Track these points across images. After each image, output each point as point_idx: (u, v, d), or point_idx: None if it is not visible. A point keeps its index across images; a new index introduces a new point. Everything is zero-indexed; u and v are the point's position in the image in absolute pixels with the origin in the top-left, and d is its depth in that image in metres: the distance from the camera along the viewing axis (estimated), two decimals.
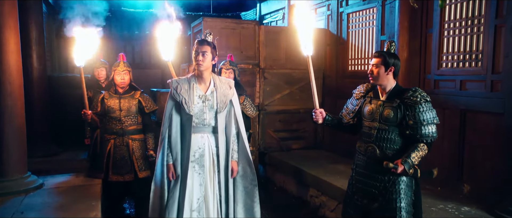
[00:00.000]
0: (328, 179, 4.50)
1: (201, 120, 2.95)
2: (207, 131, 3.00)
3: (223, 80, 3.09)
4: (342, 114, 3.12)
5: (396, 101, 2.75)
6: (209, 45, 2.93)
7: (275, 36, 6.05)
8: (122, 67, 4.01)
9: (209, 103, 2.95)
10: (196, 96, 2.93)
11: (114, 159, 4.00)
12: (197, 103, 2.92)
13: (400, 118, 2.73)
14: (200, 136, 2.97)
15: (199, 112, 2.94)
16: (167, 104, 2.98)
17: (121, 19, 8.95)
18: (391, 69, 2.77)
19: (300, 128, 6.26)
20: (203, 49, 2.88)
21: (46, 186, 3.86)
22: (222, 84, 3.03)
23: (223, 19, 5.86)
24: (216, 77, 3.06)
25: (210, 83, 3.00)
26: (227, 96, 3.01)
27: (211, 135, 3.01)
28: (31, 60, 5.08)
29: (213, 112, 2.97)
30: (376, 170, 2.78)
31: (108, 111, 3.99)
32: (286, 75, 6.13)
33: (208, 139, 2.99)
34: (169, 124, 2.95)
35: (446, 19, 4.20)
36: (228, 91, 3.03)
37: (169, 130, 2.94)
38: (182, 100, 2.89)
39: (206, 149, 2.98)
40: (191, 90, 2.92)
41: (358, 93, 3.05)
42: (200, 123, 2.95)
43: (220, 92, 2.98)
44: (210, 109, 2.96)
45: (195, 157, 2.96)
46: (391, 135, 2.76)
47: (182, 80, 2.99)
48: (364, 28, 5.60)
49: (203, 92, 2.96)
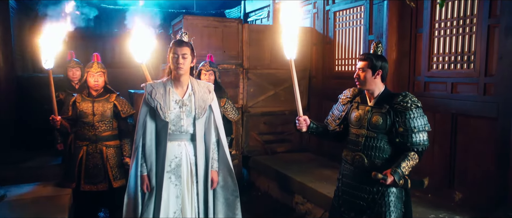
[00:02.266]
0: (314, 186, 4.31)
1: (178, 127, 2.74)
2: (185, 139, 2.79)
3: (202, 84, 2.88)
4: (327, 121, 2.91)
5: (385, 107, 2.57)
6: (188, 46, 2.71)
7: (259, 35, 5.82)
8: (96, 68, 3.74)
9: (187, 109, 2.76)
10: (173, 101, 2.73)
11: (87, 167, 3.73)
12: (173, 109, 2.72)
13: (390, 125, 2.56)
14: (177, 144, 2.77)
15: (176, 119, 2.74)
16: (141, 110, 2.77)
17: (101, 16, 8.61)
18: (378, 73, 2.59)
19: (285, 130, 6.05)
20: (183, 51, 2.66)
21: (8, 198, 3.55)
22: (200, 88, 2.84)
23: (205, 17, 5.60)
24: (194, 81, 2.85)
25: (188, 87, 2.80)
26: (206, 101, 2.81)
27: (189, 143, 2.81)
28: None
29: (191, 118, 2.77)
30: (364, 180, 2.61)
31: (80, 116, 3.71)
32: (270, 76, 5.91)
33: (185, 147, 2.79)
34: (143, 131, 2.74)
35: (436, 19, 4.02)
36: (207, 96, 2.83)
37: (143, 138, 2.74)
38: (157, 106, 2.68)
39: (184, 158, 2.78)
40: (167, 95, 2.72)
41: (345, 98, 2.84)
42: (176, 130, 2.75)
43: (199, 97, 2.79)
44: (188, 115, 2.76)
45: (171, 167, 2.75)
46: (380, 143, 2.58)
47: (157, 84, 2.77)
48: (351, 27, 5.43)
49: (180, 96, 2.76)
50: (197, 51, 5.37)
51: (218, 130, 2.90)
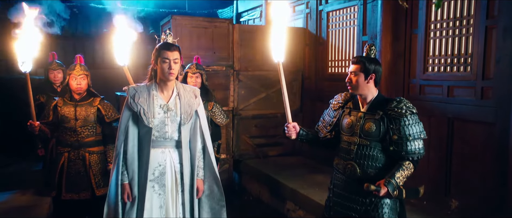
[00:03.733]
0: (306, 192, 4.17)
1: (162, 133, 2.60)
2: (169, 146, 2.64)
3: (188, 88, 2.74)
4: (318, 127, 2.76)
5: (378, 113, 2.43)
6: (178, 50, 2.57)
7: (251, 36, 5.66)
8: (78, 70, 3.57)
9: (172, 114, 2.61)
10: (157, 106, 2.59)
11: (68, 174, 3.55)
12: (157, 114, 2.58)
13: (383, 133, 2.42)
14: (161, 151, 2.62)
15: (160, 124, 2.59)
16: (123, 115, 2.61)
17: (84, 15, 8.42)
18: (371, 77, 2.44)
19: (277, 133, 5.89)
20: (174, 56, 2.52)
21: None
22: (186, 92, 2.70)
23: (194, 17, 5.44)
24: (180, 85, 2.71)
25: (173, 91, 2.65)
26: (192, 106, 2.67)
27: (174, 150, 2.66)
28: None
29: (176, 124, 2.63)
30: (356, 191, 2.46)
31: (61, 121, 3.54)
32: (262, 77, 5.76)
33: (170, 154, 2.64)
34: (125, 137, 2.58)
35: (432, 19, 3.89)
36: (193, 101, 2.69)
37: (124, 144, 2.58)
38: (141, 111, 2.54)
39: (168, 166, 2.63)
40: (150, 99, 2.57)
41: (336, 104, 2.69)
42: (161, 137, 2.60)
43: (184, 102, 2.65)
44: (173, 121, 2.62)
45: (155, 176, 2.60)
46: (373, 151, 2.44)
47: (141, 88, 2.62)
48: (344, 27, 5.30)
49: (165, 101, 2.62)
50: (186, 52, 5.30)
51: (204, 137, 2.76)
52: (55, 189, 3.57)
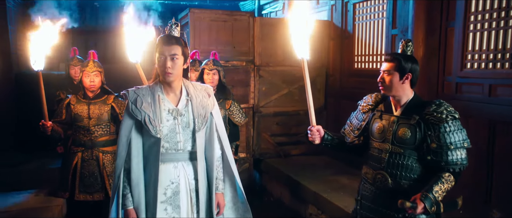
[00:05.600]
0: (329, 197, 3.92)
1: (173, 143, 2.17)
2: (182, 159, 2.22)
3: (199, 87, 2.31)
4: (344, 131, 2.51)
5: (414, 118, 2.16)
6: (179, 44, 2.12)
7: (272, 29, 5.41)
8: (91, 67, 3.43)
9: (183, 120, 2.19)
10: (165, 111, 2.16)
11: (82, 175, 3.44)
12: (166, 121, 2.15)
13: (420, 140, 2.16)
14: (173, 166, 2.20)
15: (170, 133, 2.16)
16: (123, 125, 2.16)
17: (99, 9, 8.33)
18: (407, 77, 2.18)
19: (299, 131, 5.64)
20: (171, 50, 2.09)
21: None
22: (197, 92, 2.27)
23: (213, 10, 5.23)
24: (189, 84, 2.29)
25: (182, 92, 2.23)
26: (206, 107, 2.25)
27: (188, 164, 2.24)
28: None
29: (189, 132, 2.21)
30: (387, 204, 2.22)
31: (75, 119, 3.42)
32: (284, 73, 5.50)
33: (184, 169, 2.22)
34: (128, 152, 2.14)
35: (472, 10, 3.53)
36: (207, 101, 2.27)
37: (127, 161, 2.15)
38: (146, 118, 2.10)
39: (182, 183, 2.21)
40: (156, 104, 2.14)
41: (365, 106, 2.43)
42: (171, 149, 2.18)
43: (197, 103, 2.22)
44: (185, 128, 2.19)
45: (167, 196, 2.18)
46: (407, 160, 2.18)
47: (143, 91, 2.19)
48: (372, 20, 4.98)
49: (174, 105, 2.20)
50: (205, 47, 5.10)
51: (222, 142, 2.36)
52: (68, 190, 3.48)
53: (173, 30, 2.20)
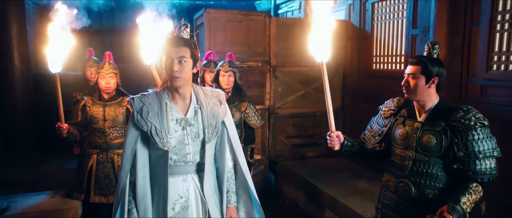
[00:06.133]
0: (347, 202, 3.82)
1: (182, 155, 2.01)
2: (191, 171, 2.05)
3: (210, 93, 2.12)
4: (364, 136, 2.42)
5: (440, 124, 2.06)
6: (188, 46, 1.94)
7: (289, 29, 5.32)
8: (107, 69, 3.41)
9: (193, 130, 2.02)
10: (172, 121, 1.99)
11: (97, 177, 3.42)
12: (174, 132, 1.98)
13: (445, 147, 2.05)
14: (182, 179, 2.03)
15: (179, 145, 1.99)
16: (127, 135, 2.00)
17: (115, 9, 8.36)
18: (433, 81, 2.09)
19: (316, 133, 5.55)
20: (179, 53, 1.90)
21: (10, 211, 3.30)
22: (208, 98, 2.09)
23: (229, 10, 5.17)
24: (199, 90, 2.11)
25: (191, 99, 2.05)
26: (217, 116, 2.07)
27: (198, 176, 2.08)
28: (11, 58, 4.57)
29: (199, 143, 2.03)
30: (410, 214, 2.12)
31: (90, 121, 3.40)
32: (300, 74, 5.41)
33: (193, 182, 2.06)
34: (133, 165, 1.98)
35: (499, 10, 3.39)
36: (218, 109, 2.09)
37: (132, 174, 1.99)
38: (152, 129, 1.93)
39: (192, 197, 2.06)
40: (163, 113, 1.97)
41: (387, 110, 2.33)
42: (180, 161, 2.01)
43: (207, 112, 2.05)
44: (194, 139, 2.02)
45: (175, 211, 2.03)
46: (432, 168, 2.08)
47: (149, 98, 2.01)
48: (392, 20, 4.85)
49: (182, 113, 2.02)
50: (220, 47, 5.05)
51: (235, 153, 2.18)
52: (84, 192, 3.46)
53: (182, 31, 2.00)
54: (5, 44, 4.47)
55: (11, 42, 4.57)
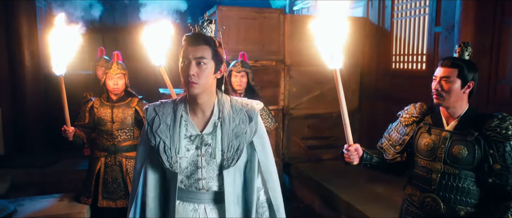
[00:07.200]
0: (364, 208, 3.65)
1: (194, 181, 1.65)
2: (206, 201, 1.69)
3: (239, 106, 1.69)
4: (381, 145, 2.22)
5: (472, 133, 1.87)
6: (209, 44, 1.58)
7: (304, 27, 5.11)
8: (115, 69, 3.30)
9: (208, 151, 1.64)
10: (185, 138, 1.64)
11: (105, 181, 3.33)
12: (185, 151, 1.64)
13: (479, 159, 1.86)
14: (192, 209, 1.68)
15: (190, 167, 1.64)
16: (138, 148, 1.74)
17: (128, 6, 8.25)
18: (469, 86, 1.90)
19: (332, 135, 5.37)
20: (198, 53, 1.55)
21: (18, 215, 3.24)
22: (235, 113, 1.68)
23: (241, 7, 5.02)
24: (226, 101, 1.70)
25: (213, 111, 1.67)
26: (241, 136, 1.65)
27: (212, 207, 1.69)
28: (21, 58, 4.51)
29: (215, 167, 1.65)
30: None
31: (98, 123, 3.30)
32: (316, 73, 5.21)
33: (205, 214, 1.68)
34: (144, 184, 1.70)
35: None
36: (245, 127, 1.66)
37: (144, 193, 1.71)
38: (160, 145, 1.62)
39: None
40: (176, 127, 1.64)
41: (408, 117, 2.12)
42: (192, 186, 1.66)
43: (229, 130, 1.64)
44: (210, 161, 1.65)
45: None
46: (463, 182, 1.89)
47: (165, 108, 1.69)
48: (413, 17, 4.65)
49: (198, 129, 1.66)
50: (233, 46, 4.89)
51: (266, 184, 1.72)
52: (91, 196, 3.37)
53: (205, 28, 1.63)
54: (15, 44, 4.45)
55: (21, 41, 4.52)
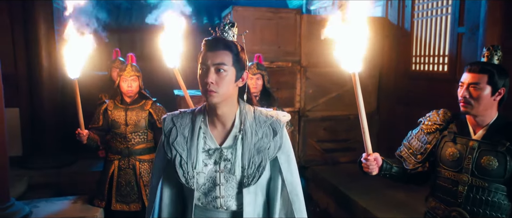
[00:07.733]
0: (382, 216, 3.52)
1: (212, 199, 1.53)
2: None
3: (263, 118, 1.55)
4: (401, 153, 2.11)
5: (503, 144, 1.75)
6: (229, 49, 1.47)
7: (321, 28, 4.99)
8: (129, 71, 3.28)
9: (227, 166, 1.52)
10: (203, 152, 1.53)
11: (118, 184, 3.31)
12: (203, 166, 1.52)
13: (511, 172, 1.73)
14: None
15: (208, 184, 1.53)
16: (155, 160, 1.66)
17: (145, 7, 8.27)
18: (500, 93, 1.79)
19: (349, 137, 5.24)
20: (217, 58, 1.44)
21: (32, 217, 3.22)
22: (258, 126, 1.54)
23: (257, 8, 4.94)
24: (249, 111, 1.56)
25: (234, 123, 1.54)
26: (264, 152, 1.51)
27: None
28: (39, 58, 4.54)
29: (235, 185, 1.52)
30: None
31: (112, 126, 3.28)
32: (333, 74, 5.07)
33: None
34: (160, 197, 1.60)
35: None
36: (268, 142, 1.52)
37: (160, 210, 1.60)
38: (176, 159, 1.51)
39: None
40: (194, 139, 1.52)
41: (430, 125, 2.00)
42: (209, 204, 1.54)
43: (251, 144, 1.51)
44: (229, 178, 1.52)
45: None
46: (493, 196, 1.78)
47: (184, 118, 1.58)
48: (434, 16, 4.47)
49: (217, 142, 1.54)
50: (248, 47, 4.72)
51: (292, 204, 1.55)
52: (105, 199, 3.36)
53: (226, 31, 1.51)
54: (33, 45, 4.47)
55: (38, 42, 4.55)
